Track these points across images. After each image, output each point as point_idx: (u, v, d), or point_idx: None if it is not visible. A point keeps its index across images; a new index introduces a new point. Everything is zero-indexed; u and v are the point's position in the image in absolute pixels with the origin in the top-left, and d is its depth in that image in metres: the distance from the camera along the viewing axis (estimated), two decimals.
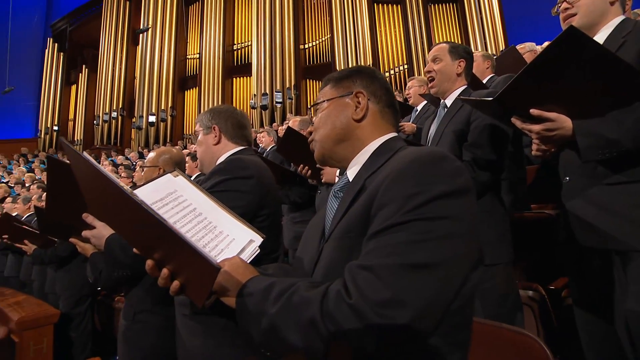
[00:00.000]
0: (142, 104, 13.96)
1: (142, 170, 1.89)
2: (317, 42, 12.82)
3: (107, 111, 14.57)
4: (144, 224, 0.65)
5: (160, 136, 13.67)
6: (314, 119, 0.86)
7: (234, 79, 13.87)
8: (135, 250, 0.72)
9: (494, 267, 1.44)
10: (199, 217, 0.84)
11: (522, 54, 3.03)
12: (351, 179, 0.76)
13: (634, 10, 2.71)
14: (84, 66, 16.07)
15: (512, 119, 1.13)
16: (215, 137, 1.36)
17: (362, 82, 0.81)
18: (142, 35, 14.23)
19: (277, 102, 12.27)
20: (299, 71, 12.65)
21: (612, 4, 1.19)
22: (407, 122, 2.92)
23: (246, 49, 13.61)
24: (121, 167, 7.64)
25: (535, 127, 1.07)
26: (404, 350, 0.56)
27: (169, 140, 13.37)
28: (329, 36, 12.45)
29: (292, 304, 0.58)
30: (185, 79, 14.47)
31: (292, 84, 12.44)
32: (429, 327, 0.54)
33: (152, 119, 13.80)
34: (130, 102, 14.59)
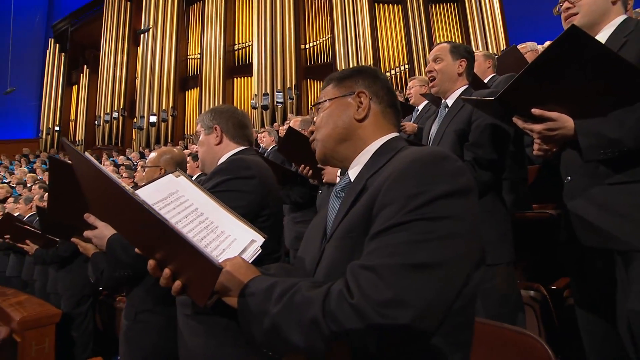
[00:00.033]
0: (143, 104, 13.97)
1: (144, 170, 1.89)
2: (318, 42, 12.82)
3: (108, 111, 14.60)
4: (146, 224, 0.65)
5: (161, 136, 13.68)
6: (315, 118, 0.86)
7: (235, 79, 13.87)
8: (137, 250, 0.72)
9: (495, 267, 1.44)
10: (200, 217, 0.84)
11: (524, 54, 3.02)
12: (353, 179, 0.76)
13: (635, 9, 2.70)
14: (85, 67, 16.09)
15: (514, 118, 1.12)
16: (216, 137, 1.36)
17: (364, 82, 0.81)
18: (143, 35, 14.23)
19: (278, 102, 12.27)
20: (300, 71, 12.64)
21: (613, 3, 1.19)
22: (408, 121, 2.92)
23: (247, 49, 13.60)
24: (122, 167, 7.65)
25: (536, 127, 1.07)
26: (406, 350, 0.56)
27: (169, 140, 13.38)
28: (329, 36, 12.44)
29: (294, 303, 0.58)
30: (186, 79, 14.47)
31: (293, 84, 12.44)
32: (430, 327, 0.54)
33: (153, 119, 13.80)
34: (131, 102, 14.60)
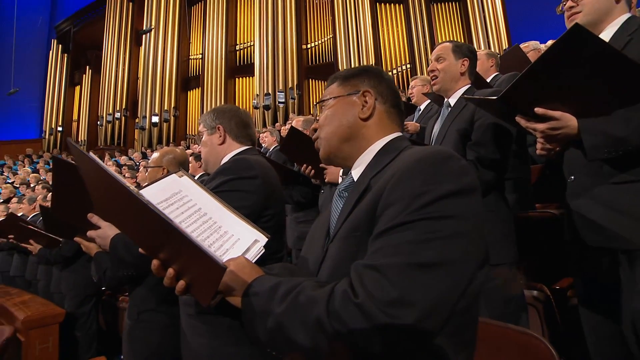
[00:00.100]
0: (145, 105, 14.02)
1: (146, 170, 1.90)
2: (320, 42, 12.81)
3: (111, 112, 14.65)
4: (150, 224, 0.65)
5: (163, 136, 13.73)
6: (318, 117, 0.86)
7: (237, 79, 13.89)
8: (141, 250, 0.72)
9: (498, 266, 1.43)
10: (204, 217, 0.84)
11: (526, 53, 3.01)
12: (356, 179, 0.75)
13: (639, 8, 2.68)
14: (87, 67, 16.14)
15: (517, 117, 1.12)
16: (220, 137, 1.36)
17: (369, 82, 0.80)
18: (145, 36, 14.27)
19: (279, 102, 12.27)
20: (302, 71, 12.65)
21: (617, 1, 1.18)
22: (410, 121, 2.91)
23: (249, 49, 13.62)
24: (125, 167, 7.68)
25: (539, 126, 1.07)
26: (410, 349, 0.56)
27: (172, 140, 13.42)
28: (331, 36, 12.44)
29: (298, 303, 0.58)
30: (188, 80, 14.50)
31: (295, 84, 12.44)
32: (435, 327, 0.53)
33: (155, 119, 13.85)
34: (133, 102, 14.65)
